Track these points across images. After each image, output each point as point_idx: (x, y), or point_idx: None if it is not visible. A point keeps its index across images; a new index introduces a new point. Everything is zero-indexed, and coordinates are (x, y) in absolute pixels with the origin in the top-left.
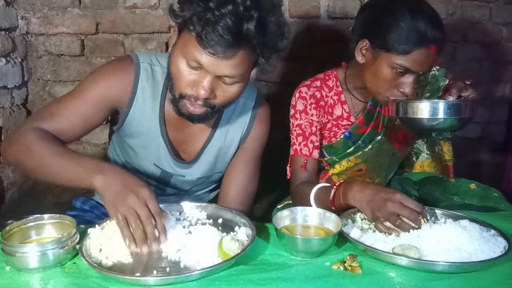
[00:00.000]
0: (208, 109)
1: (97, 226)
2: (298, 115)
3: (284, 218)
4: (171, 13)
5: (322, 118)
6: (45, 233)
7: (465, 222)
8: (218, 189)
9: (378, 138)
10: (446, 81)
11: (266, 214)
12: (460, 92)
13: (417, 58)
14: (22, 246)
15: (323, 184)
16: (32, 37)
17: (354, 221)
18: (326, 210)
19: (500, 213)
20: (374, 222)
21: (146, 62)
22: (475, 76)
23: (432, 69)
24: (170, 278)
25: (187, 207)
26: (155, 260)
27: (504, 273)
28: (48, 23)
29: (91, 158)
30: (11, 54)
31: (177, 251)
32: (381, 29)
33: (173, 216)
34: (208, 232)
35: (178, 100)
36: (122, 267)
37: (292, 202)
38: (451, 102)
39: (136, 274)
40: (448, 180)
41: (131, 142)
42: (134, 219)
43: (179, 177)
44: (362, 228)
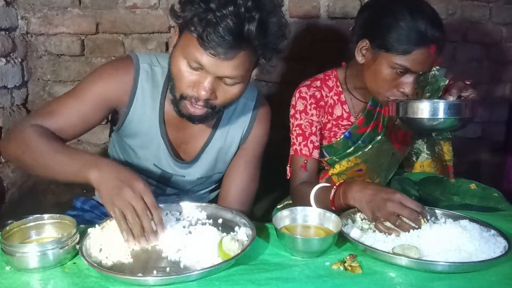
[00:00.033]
0: (208, 109)
1: (97, 226)
2: (298, 115)
3: (284, 218)
4: (172, 13)
5: (322, 118)
6: (45, 233)
7: (465, 222)
8: (219, 189)
9: (378, 138)
10: (446, 81)
11: (266, 214)
12: (460, 92)
13: (417, 58)
14: (22, 246)
15: (323, 184)
16: (32, 37)
17: (354, 221)
18: (326, 210)
19: (500, 213)
20: (374, 222)
21: (146, 63)
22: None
23: (432, 69)
24: (170, 278)
25: (187, 207)
26: (155, 260)
27: (504, 273)
28: (48, 23)
29: (88, 153)
30: (11, 54)
31: (177, 251)
32: (381, 29)
33: (173, 216)
34: (208, 232)
35: (178, 101)
36: (122, 267)
37: (292, 202)
38: (451, 102)
39: (136, 274)
40: (448, 180)
41: (131, 142)
42: (131, 213)
43: (179, 177)
44: (362, 228)
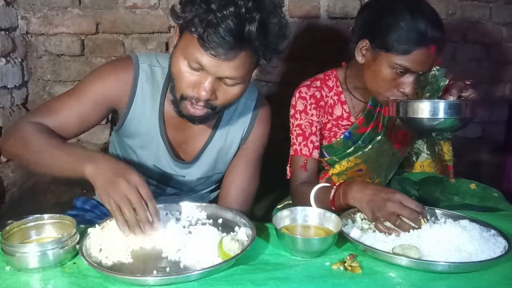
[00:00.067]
0: (209, 110)
1: (97, 226)
2: (298, 115)
3: (284, 218)
4: (173, 14)
5: (322, 118)
6: (45, 233)
7: (465, 222)
8: (219, 189)
9: (378, 138)
10: (446, 81)
11: (266, 214)
12: (460, 92)
13: (417, 58)
14: (22, 246)
15: (323, 184)
16: (32, 37)
17: (354, 221)
18: (326, 210)
19: (500, 213)
20: (374, 222)
21: (146, 63)
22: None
23: (432, 69)
24: (170, 278)
25: (187, 207)
26: (155, 260)
27: (504, 273)
28: (48, 23)
29: (84, 149)
30: (11, 54)
31: (177, 251)
32: (381, 29)
33: (173, 216)
34: (208, 232)
35: (179, 101)
36: (122, 267)
37: (292, 202)
38: (452, 102)
39: (136, 274)
40: (448, 180)
41: (131, 142)
42: (126, 204)
43: (179, 177)
44: (362, 228)
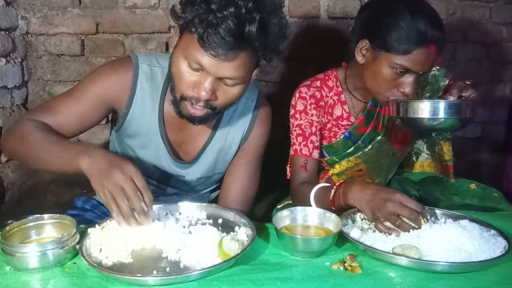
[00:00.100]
0: (209, 110)
1: (97, 226)
2: (298, 115)
3: (284, 218)
4: (173, 14)
5: (322, 118)
6: (45, 233)
7: (465, 222)
8: (219, 189)
9: (378, 138)
10: (446, 81)
11: (266, 214)
12: (460, 92)
13: (417, 58)
14: (22, 246)
15: (323, 184)
16: (32, 37)
17: (354, 221)
18: (326, 210)
19: (500, 213)
20: (374, 222)
21: (145, 63)
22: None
23: (432, 69)
24: (170, 278)
25: (187, 207)
26: (155, 260)
27: (504, 273)
28: (48, 23)
29: (81, 144)
30: (11, 54)
31: (177, 251)
32: (381, 29)
33: (173, 216)
34: (208, 232)
35: (179, 101)
36: (122, 267)
37: (292, 202)
38: (452, 101)
39: (136, 274)
40: (448, 180)
41: (131, 142)
42: (120, 194)
43: (179, 177)
44: (362, 228)
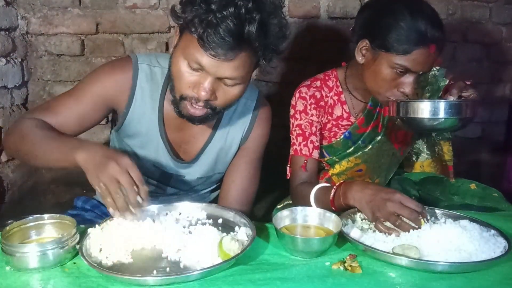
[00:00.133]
0: (208, 110)
1: (97, 226)
2: (298, 115)
3: (284, 218)
4: (173, 14)
5: (322, 118)
6: (45, 233)
7: (465, 222)
8: (219, 189)
9: (378, 138)
10: (446, 81)
11: (266, 214)
12: (460, 92)
13: (417, 58)
14: (22, 246)
15: (323, 184)
16: (32, 37)
17: (354, 221)
18: (326, 210)
19: (500, 213)
20: (374, 222)
21: (145, 63)
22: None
23: (432, 69)
24: (170, 278)
25: (187, 207)
26: (155, 260)
27: (504, 273)
28: (48, 23)
29: (79, 139)
30: (11, 54)
31: (177, 251)
32: (381, 29)
33: (173, 216)
34: (208, 232)
35: (179, 101)
36: (122, 267)
37: (292, 202)
38: (452, 101)
39: (136, 274)
40: (448, 180)
41: (131, 142)
42: (115, 187)
43: (179, 177)
44: (362, 228)
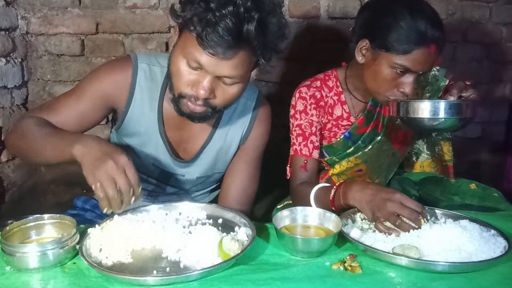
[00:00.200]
0: (208, 108)
1: (97, 226)
2: (298, 115)
3: (284, 218)
4: (172, 13)
5: (322, 118)
6: (45, 233)
7: (465, 222)
8: (219, 189)
9: (378, 138)
10: (447, 81)
11: (266, 214)
12: (460, 92)
13: (417, 58)
14: (22, 246)
15: (323, 184)
16: (32, 37)
17: (354, 221)
18: (326, 210)
19: (500, 213)
20: (374, 222)
21: (145, 62)
22: (475, 76)
23: (432, 69)
24: (170, 278)
25: (187, 207)
26: (155, 260)
27: (504, 273)
28: (48, 23)
29: (76, 133)
30: (11, 54)
31: (177, 251)
32: (381, 29)
33: (173, 216)
34: (208, 232)
35: (178, 99)
36: (122, 267)
37: (292, 202)
38: (452, 101)
39: (136, 274)
40: (448, 180)
41: (130, 141)
42: (112, 188)
43: (179, 176)
44: (362, 228)
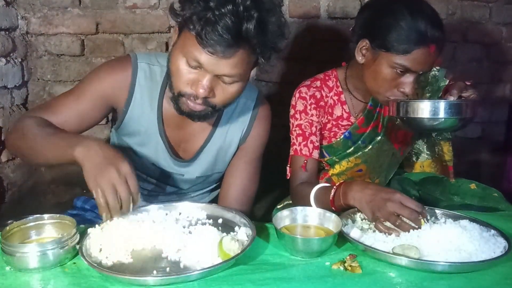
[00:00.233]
0: (208, 107)
1: (97, 226)
2: (298, 115)
3: (284, 218)
4: (172, 12)
5: (322, 118)
6: (45, 233)
7: (465, 222)
8: (219, 189)
9: (378, 139)
10: (447, 81)
11: (266, 214)
12: (460, 92)
13: (417, 58)
14: (22, 246)
15: (323, 184)
16: (32, 37)
17: (354, 221)
18: (326, 210)
19: (500, 213)
20: (374, 222)
21: (144, 62)
22: (475, 76)
23: (432, 69)
24: (170, 278)
25: (187, 207)
26: (155, 260)
27: (504, 273)
28: (48, 23)
29: (79, 135)
30: (11, 54)
31: (177, 251)
32: (381, 29)
33: (173, 216)
34: (208, 232)
35: (177, 98)
36: (122, 267)
37: (292, 202)
38: (452, 101)
39: (136, 274)
40: (448, 180)
41: (130, 141)
42: (113, 196)
43: (178, 175)
44: (362, 228)
